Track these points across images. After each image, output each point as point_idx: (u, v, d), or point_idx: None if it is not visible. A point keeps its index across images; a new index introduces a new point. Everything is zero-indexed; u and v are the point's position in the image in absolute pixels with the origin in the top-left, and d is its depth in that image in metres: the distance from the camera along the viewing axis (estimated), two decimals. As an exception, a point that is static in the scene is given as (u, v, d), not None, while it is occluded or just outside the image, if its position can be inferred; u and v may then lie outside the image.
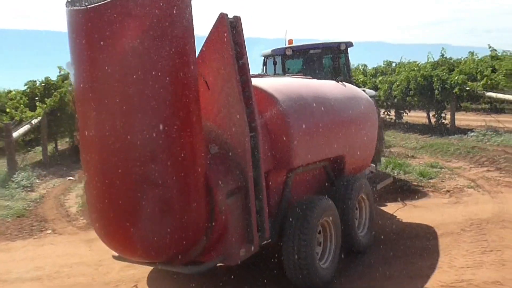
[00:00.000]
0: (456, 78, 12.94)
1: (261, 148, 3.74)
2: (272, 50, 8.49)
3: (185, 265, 3.66)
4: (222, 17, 3.56)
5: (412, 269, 4.52)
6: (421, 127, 15.76)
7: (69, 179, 9.50)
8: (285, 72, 8.28)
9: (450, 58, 14.60)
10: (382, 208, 6.51)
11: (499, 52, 23.23)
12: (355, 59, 21.28)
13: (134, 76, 2.99)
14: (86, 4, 2.96)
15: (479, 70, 13.43)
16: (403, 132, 14.95)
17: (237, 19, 3.68)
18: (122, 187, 3.13)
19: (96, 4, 2.93)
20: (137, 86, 3.00)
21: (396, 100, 15.70)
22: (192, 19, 3.22)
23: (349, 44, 8.22)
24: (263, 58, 9.13)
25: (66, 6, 3.10)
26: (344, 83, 5.68)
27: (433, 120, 15.21)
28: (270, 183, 4.06)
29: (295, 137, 4.09)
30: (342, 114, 4.98)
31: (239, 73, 3.63)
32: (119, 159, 3.09)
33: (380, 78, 17.44)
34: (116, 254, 3.79)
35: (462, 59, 15.45)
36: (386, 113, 18.02)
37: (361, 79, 16.58)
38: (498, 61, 21.35)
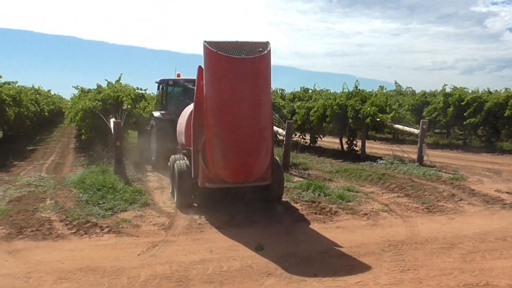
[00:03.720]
0: (369, 109, 13.94)
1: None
2: (160, 80, 12.95)
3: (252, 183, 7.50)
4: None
5: (341, 285, 4.87)
6: (334, 152, 16.67)
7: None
8: (167, 95, 12.71)
9: (363, 90, 15.70)
10: (309, 227, 6.90)
11: (403, 88, 25.59)
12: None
13: (261, 91, 6.77)
14: (243, 56, 6.45)
15: (388, 103, 14.61)
16: (317, 156, 15.73)
17: None
18: (253, 140, 6.87)
19: (257, 55, 6.56)
20: (260, 96, 6.79)
21: (312, 125, 16.53)
22: None
23: None
24: (157, 84, 13.37)
25: (222, 53, 6.45)
26: None
27: (345, 146, 16.21)
28: None
29: None
30: None
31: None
32: (253, 127, 6.79)
33: (298, 103, 18.28)
34: (208, 184, 7.42)
35: (374, 91, 16.69)
36: (301, 136, 18.89)
37: (281, 104, 17.25)
38: (401, 96, 23.49)
